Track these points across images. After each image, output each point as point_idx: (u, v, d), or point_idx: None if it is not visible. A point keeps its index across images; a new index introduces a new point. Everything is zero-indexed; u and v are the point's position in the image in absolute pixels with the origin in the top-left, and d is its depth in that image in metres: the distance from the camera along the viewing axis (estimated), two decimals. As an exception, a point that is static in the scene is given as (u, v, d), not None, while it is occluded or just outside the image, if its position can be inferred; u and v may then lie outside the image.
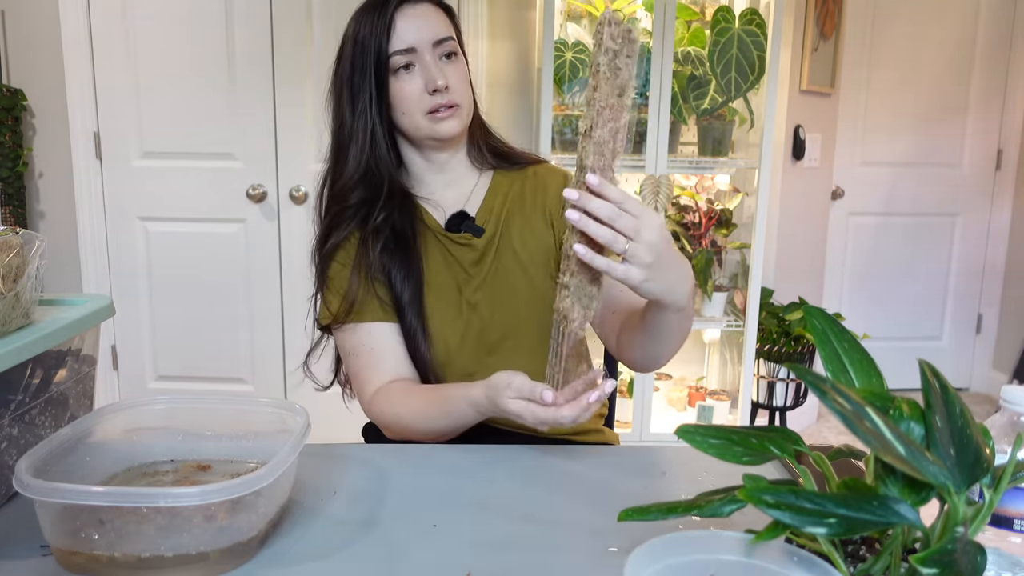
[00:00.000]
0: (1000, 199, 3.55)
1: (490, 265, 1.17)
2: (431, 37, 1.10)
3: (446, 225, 1.18)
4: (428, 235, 1.18)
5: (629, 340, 1.06)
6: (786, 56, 2.79)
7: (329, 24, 2.67)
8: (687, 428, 0.58)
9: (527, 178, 1.23)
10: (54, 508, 0.70)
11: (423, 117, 1.11)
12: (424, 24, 1.10)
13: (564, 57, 2.50)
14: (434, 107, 1.10)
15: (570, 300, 0.85)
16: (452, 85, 1.10)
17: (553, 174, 1.25)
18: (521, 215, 1.20)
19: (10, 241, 0.84)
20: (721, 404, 2.69)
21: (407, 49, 1.09)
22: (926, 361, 0.60)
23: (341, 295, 1.14)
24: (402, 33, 1.09)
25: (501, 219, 1.19)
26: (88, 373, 0.98)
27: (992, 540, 0.64)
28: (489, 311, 1.16)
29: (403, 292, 1.13)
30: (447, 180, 1.21)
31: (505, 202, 1.20)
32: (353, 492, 0.89)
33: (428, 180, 1.20)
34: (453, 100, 1.11)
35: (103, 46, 2.68)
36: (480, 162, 1.23)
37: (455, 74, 1.12)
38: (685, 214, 2.62)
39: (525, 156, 1.26)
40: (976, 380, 3.71)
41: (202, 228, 2.81)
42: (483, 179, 1.23)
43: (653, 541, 0.54)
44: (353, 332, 1.14)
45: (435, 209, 1.19)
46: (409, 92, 1.10)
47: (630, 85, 0.84)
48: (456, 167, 1.21)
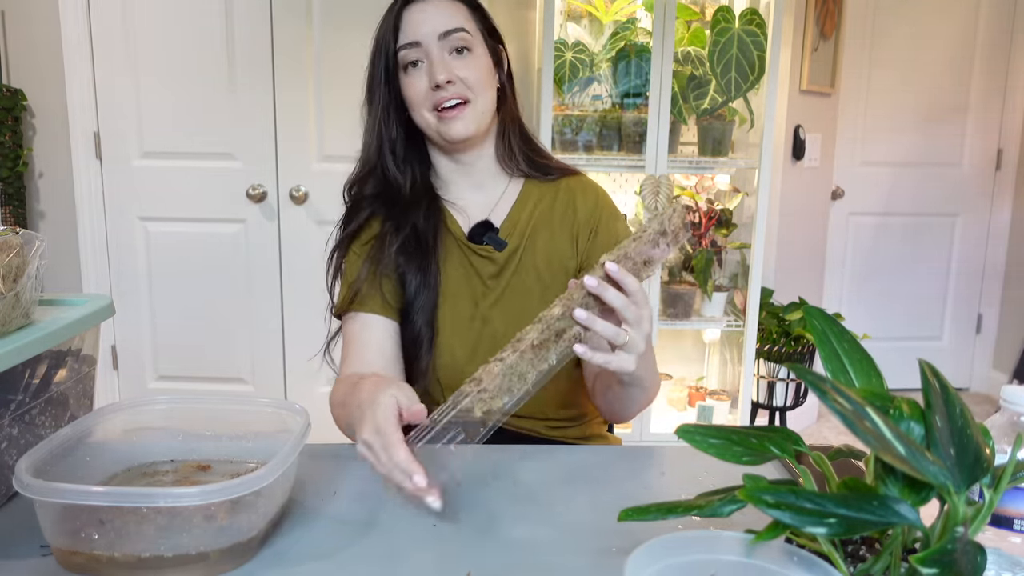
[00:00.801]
0: (1000, 199, 3.55)
1: (509, 280, 1.14)
2: (436, 30, 1.07)
3: (469, 234, 1.15)
4: (450, 241, 1.15)
5: (601, 394, 1.11)
6: (786, 56, 2.79)
7: (329, 24, 2.67)
8: (687, 428, 0.58)
9: (558, 192, 1.19)
10: (54, 508, 0.70)
11: (431, 114, 1.09)
12: (430, 17, 1.08)
13: (564, 57, 2.50)
14: (438, 103, 1.07)
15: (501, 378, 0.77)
16: (461, 80, 1.07)
17: (585, 190, 1.20)
18: (547, 231, 1.16)
19: (10, 241, 0.84)
20: (721, 404, 2.69)
21: (411, 43, 1.08)
22: (926, 361, 0.60)
23: (348, 284, 1.15)
24: (407, 28, 1.08)
25: (526, 234, 1.16)
26: (88, 373, 0.98)
27: (992, 540, 0.64)
28: (502, 327, 1.13)
29: (416, 297, 1.11)
30: (473, 183, 1.18)
31: (532, 215, 1.17)
32: (353, 492, 0.89)
33: (454, 181, 1.18)
34: (459, 95, 1.07)
35: (103, 46, 2.68)
36: (511, 167, 1.18)
37: (465, 69, 1.07)
38: (685, 214, 2.61)
39: (559, 166, 1.22)
40: (976, 380, 3.71)
41: (202, 228, 2.81)
42: (512, 186, 1.19)
43: (653, 541, 0.54)
44: (351, 321, 1.14)
45: (460, 214, 1.17)
46: (417, 88, 1.08)
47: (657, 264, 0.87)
48: (483, 170, 1.17)
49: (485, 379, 0.79)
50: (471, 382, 0.79)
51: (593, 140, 2.53)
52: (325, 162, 2.74)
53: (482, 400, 0.78)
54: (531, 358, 0.80)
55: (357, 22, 2.66)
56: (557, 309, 0.81)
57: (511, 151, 1.17)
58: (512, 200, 1.18)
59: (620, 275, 0.82)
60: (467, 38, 1.09)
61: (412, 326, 1.12)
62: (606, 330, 0.82)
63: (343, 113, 2.70)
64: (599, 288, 0.81)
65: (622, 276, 0.82)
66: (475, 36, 1.10)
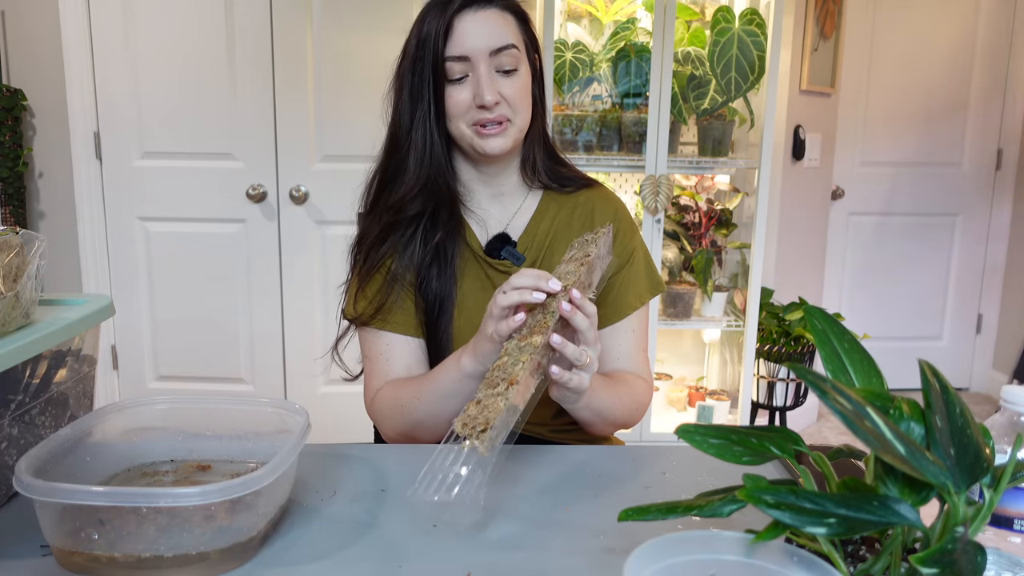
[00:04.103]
0: (1000, 199, 3.55)
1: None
2: (488, 46, 1.04)
3: (487, 248, 1.15)
4: (468, 254, 1.15)
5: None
6: (786, 56, 2.79)
7: (329, 24, 2.67)
8: (687, 428, 0.58)
9: (576, 205, 1.18)
10: (54, 508, 0.70)
11: (469, 128, 1.07)
12: (483, 32, 1.05)
13: (564, 57, 2.50)
14: (480, 121, 1.06)
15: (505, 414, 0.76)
16: (505, 100, 1.06)
17: (605, 204, 1.20)
18: (565, 244, 1.15)
19: (10, 241, 0.84)
20: (721, 404, 2.69)
21: (461, 56, 1.04)
22: (926, 361, 0.60)
23: (369, 298, 1.13)
24: (458, 39, 1.04)
25: (544, 247, 1.15)
26: (88, 373, 0.98)
27: (992, 540, 0.64)
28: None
29: (434, 311, 1.11)
30: (494, 193, 1.17)
31: (550, 229, 1.16)
32: (353, 492, 0.89)
33: (475, 190, 1.17)
34: (502, 116, 1.06)
35: (103, 46, 2.68)
36: (531, 180, 1.18)
37: (511, 88, 1.06)
38: (685, 214, 2.62)
39: (579, 177, 1.21)
40: (976, 380, 3.71)
41: (202, 228, 2.81)
42: (531, 198, 1.18)
43: (653, 541, 0.54)
44: (374, 336, 1.14)
45: (478, 226, 1.16)
46: (459, 101, 1.06)
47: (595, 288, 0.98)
48: (505, 182, 1.17)
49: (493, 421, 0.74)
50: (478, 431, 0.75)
51: (593, 140, 2.53)
52: (325, 162, 2.74)
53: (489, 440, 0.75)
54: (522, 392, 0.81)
55: (357, 22, 2.66)
56: (537, 338, 0.85)
57: (534, 164, 1.17)
58: (530, 213, 1.18)
59: (582, 301, 0.88)
60: (516, 56, 1.07)
61: (429, 340, 1.13)
62: (575, 353, 0.88)
63: (343, 113, 2.70)
64: (571, 313, 0.87)
65: (583, 302, 0.88)
66: (521, 52, 1.08)
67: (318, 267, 2.82)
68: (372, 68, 2.65)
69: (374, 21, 2.65)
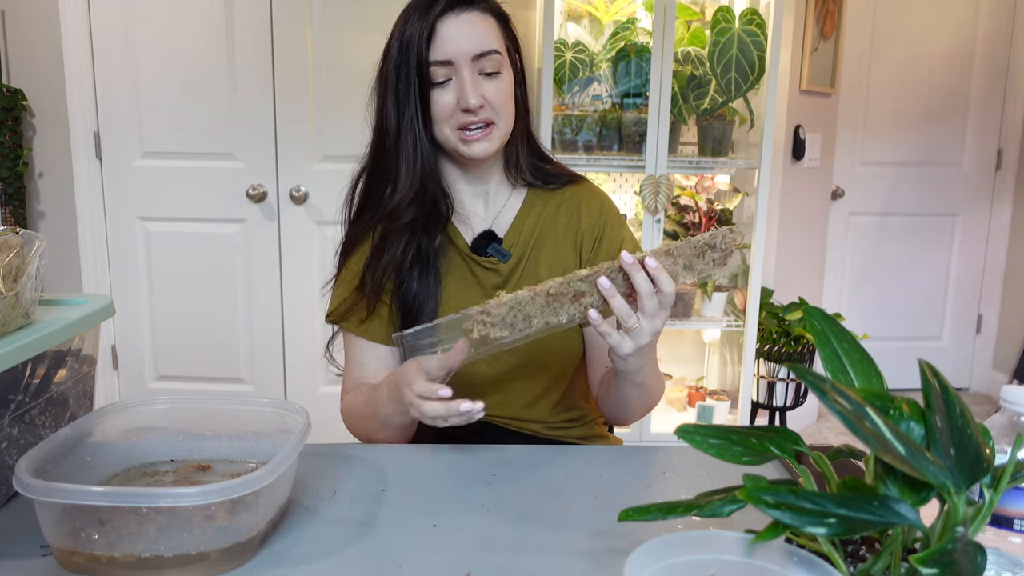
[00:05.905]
0: (1000, 199, 3.55)
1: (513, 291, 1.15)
2: (471, 50, 1.04)
3: (472, 245, 1.15)
4: (453, 253, 1.15)
5: (604, 393, 1.14)
6: (786, 56, 2.79)
7: (329, 24, 2.67)
8: (687, 428, 0.58)
9: (562, 201, 1.19)
10: (54, 508, 0.70)
11: (453, 133, 1.07)
12: (465, 35, 1.04)
13: (564, 57, 2.50)
14: (464, 125, 1.06)
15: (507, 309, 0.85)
16: (489, 103, 1.06)
17: (590, 198, 1.19)
18: (551, 241, 1.16)
19: (10, 241, 0.84)
20: (721, 404, 2.69)
21: (444, 61, 1.04)
22: (926, 361, 0.60)
23: (349, 303, 1.13)
24: (441, 43, 1.04)
25: (530, 244, 1.15)
26: (88, 373, 0.98)
27: (992, 540, 0.64)
28: None
29: (418, 309, 1.10)
30: (477, 192, 1.17)
31: (536, 226, 1.16)
32: (353, 492, 0.89)
33: (459, 189, 1.17)
34: (486, 118, 1.07)
35: (103, 46, 2.68)
36: (515, 178, 1.18)
37: (494, 92, 1.06)
38: (685, 214, 2.62)
39: (563, 173, 1.21)
40: (976, 380, 3.71)
41: (202, 228, 2.81)
42: (515, 196, 1.19)
43: (653, 541, 0.54)
44: (350, 341, 1.16)
45: (463, 225, 1.16)
46: (443, 105, 1.06)
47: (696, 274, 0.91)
48: (489, 180, 1.17)
49: (492, 305, 0.84)
50: (481, 305, 0.85)
51: (593, 140, 2.53)
52: (325, 162, 2.74)
53: (482, 323, 0.83)
54: (542, 304, 0.84)
55: (357, 22, 2.66)
56: (584, 271, 0.86)
57: (517, 162, 1.17)
58: (515, 210, 1.18)
59: (657, 272, 0.86)
60: (498, 60, 1.07)
61: None
62: (621, 308, 0.86)
63: (343, 113, 2.70)
64: (631, 267, 0.85)
65: (659, 273, 0.86)
66: (504, 55, 1.08)
67: (318, 267, 2.82)
68: (372, 68, 2.63)
69: (374, 21, 2.65)
